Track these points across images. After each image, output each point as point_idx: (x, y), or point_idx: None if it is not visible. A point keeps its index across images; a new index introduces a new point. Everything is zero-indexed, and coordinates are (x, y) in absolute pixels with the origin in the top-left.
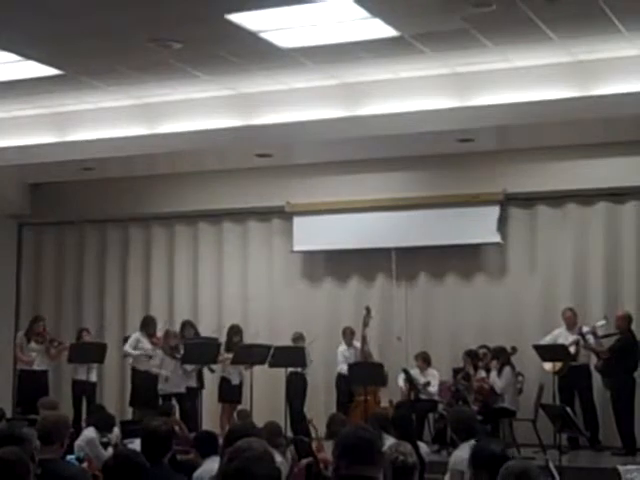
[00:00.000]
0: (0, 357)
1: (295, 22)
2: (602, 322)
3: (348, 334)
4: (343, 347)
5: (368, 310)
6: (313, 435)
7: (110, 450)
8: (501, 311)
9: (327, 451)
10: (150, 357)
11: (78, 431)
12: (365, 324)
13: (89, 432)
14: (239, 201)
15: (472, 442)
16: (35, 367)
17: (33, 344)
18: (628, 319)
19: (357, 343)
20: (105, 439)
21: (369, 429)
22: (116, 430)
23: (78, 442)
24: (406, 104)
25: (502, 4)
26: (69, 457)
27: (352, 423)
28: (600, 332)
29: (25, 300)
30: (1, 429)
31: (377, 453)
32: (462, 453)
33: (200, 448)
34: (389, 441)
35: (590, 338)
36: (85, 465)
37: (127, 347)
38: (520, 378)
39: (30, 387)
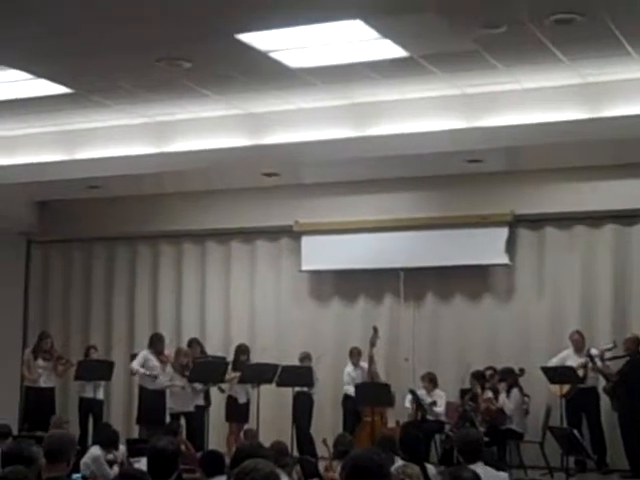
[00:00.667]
0: (8, 374)
1: (305, 42)
2: (610, 345)
3: (355, 354)
4: (350, 368)
5: (375, 330)
6: (325, 455)
7: (116, 468)
8: (508, 332)
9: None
10: (156, 377)
11: (84, 449)
12: (372, 344)
13: (95, 450)
14: (247, 220)
15: (480, 464)
16: (41, 384)
17: (40, 361)
18: (637, 342)
19: (364, 363)
20: (111, 456)
21: (379, 452)
22: (122, 448)
23: (84, 460)
24: (415, 124)
25: (512, 26)
26: (75, 476)
27: (359, 444)
28: (608, 355)
29: (33, 317)
30: (10, 447)
31: (385, 476)
32: None
33: (206, 468)
34: (398, 462)
35: (598, 361)
36: None
37: (135, 364)
38: (526, 399)
39: (36, 404)
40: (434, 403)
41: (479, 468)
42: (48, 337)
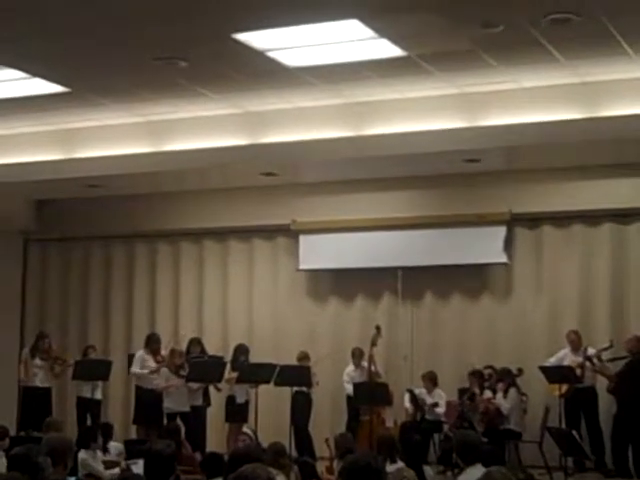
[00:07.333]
0: (5, 374)
1: (302, 41)
2: (606, 345)
3: (357, 355)
4: (350, 368)
5: (378, 329)
6: (325, 455)
7: (116, 470)
8: (507, 331)
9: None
10: (157, 371)
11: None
12: (373, 343)
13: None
14: (245, 219)
15: (479, 466)
16: (38, 384)
17: (37, 360)
18: (638, 341)
19: (365, 363)
20: (108, 457)
21: (376, 456)
22: (115, 446)
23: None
24: (413, 124)
25: (509, 25)
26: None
27: (357, 443)
28: (605, 355)
29: (30, 316)
30: (18, 452)
31: None
32: (467, 478)
33: (206, 469)
34: (399, 464)
35: (596, 361)
36: None
37: (134, 368)
38: (524, 398)
39: (33, 404)
40: (436, 404)
41: (477, 470)
42: (46, 337)
